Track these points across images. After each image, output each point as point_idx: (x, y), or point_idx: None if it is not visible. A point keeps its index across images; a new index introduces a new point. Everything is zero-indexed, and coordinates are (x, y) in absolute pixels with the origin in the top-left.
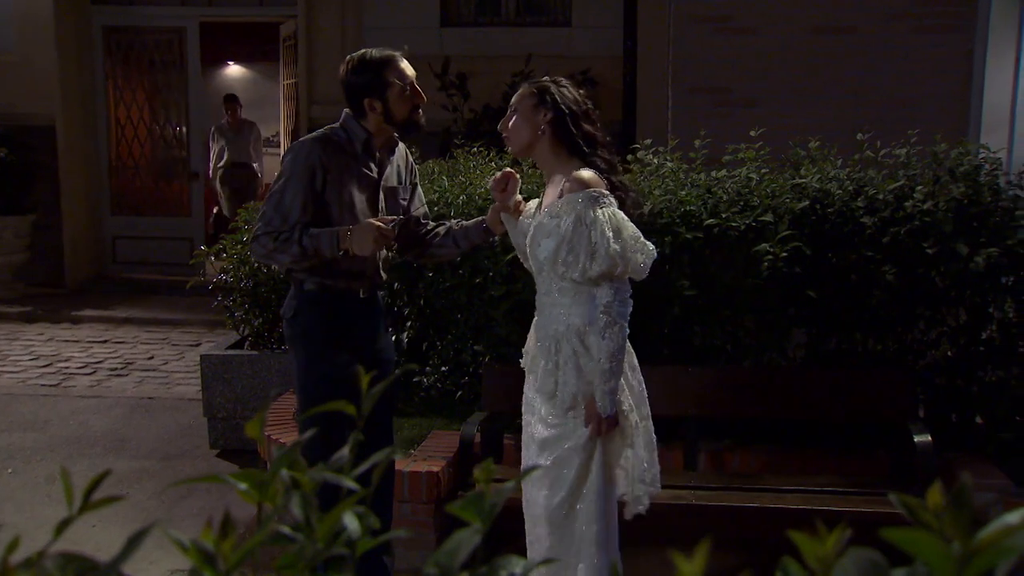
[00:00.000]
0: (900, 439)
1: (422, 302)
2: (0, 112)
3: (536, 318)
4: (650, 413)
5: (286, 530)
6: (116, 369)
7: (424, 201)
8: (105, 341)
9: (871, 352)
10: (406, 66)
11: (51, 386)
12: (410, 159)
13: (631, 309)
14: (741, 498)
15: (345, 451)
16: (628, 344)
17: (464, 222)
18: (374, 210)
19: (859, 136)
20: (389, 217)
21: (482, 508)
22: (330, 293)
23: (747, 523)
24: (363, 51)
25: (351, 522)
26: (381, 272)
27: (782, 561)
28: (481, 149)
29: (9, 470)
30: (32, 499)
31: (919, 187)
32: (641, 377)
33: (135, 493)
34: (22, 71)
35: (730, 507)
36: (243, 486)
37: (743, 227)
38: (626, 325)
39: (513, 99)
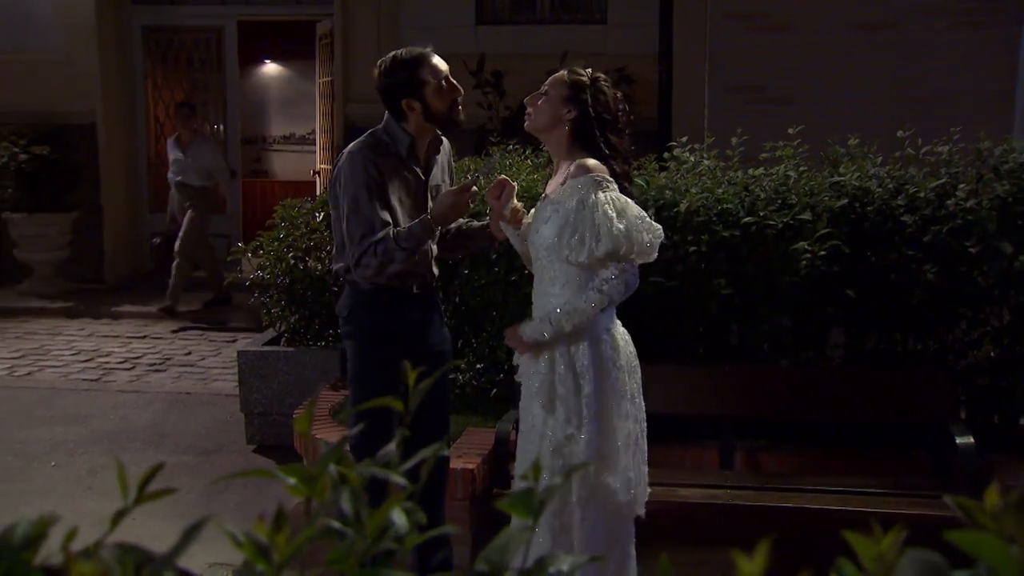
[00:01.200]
0: (940, 440)
1: (457, 299)
2: (43, 112)
3: (532, 308)
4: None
5: (336, 525)
6: (155, 364)
7: None
8: (144, 337)
9: (911, 352)
10: (439, 62)
11: (92, 380)
12: (451, 159)
13: (629, 292)
14: (777, 498)
15: (393, 446)
16: (634, 359)
17: (472, 223)
18: (423, 210)
19: (899, 133)
20: (466, 183)
21: (531, 505)
22: (384, 290)
23: (783, 524)
24: (393, 53)
25: (399, 518)
26: (433, 268)
27: (837, 562)
28: (516, 147)
29: (52, 463)
30: (75, 491)
31: (962, 185)
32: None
33: (174, 487)
34: (64, 71)
35: (766, 507)
36: (292, 481)
37: (781, 225)
38: (610, 305)
39: (549, 80)
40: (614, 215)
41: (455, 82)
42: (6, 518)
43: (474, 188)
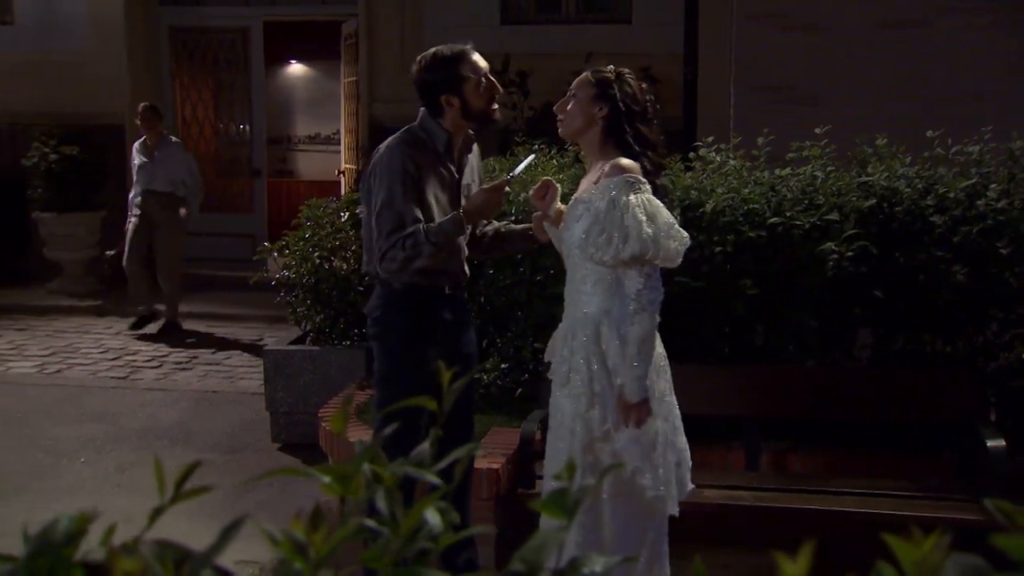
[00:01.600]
0: (967, 442)
1: (482, 299)
2: (72, 112)
3: (565, 307)
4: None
5: (372, 524)
6: (181, 363)
7: None
8: (171, 335)
9: (939, 354)
10: (478, 59)
11: (120, 379)
12: (479, 159)
13: (661, 298)
14: (803, 500)
15: (426, 445)
16: (663, 359)
17: (512, 226)
18: (456, 207)
19: (928, 133)
20: (500, 181)
21: (565, 504)
22: (415, 290)
23: (809, 526)
24: (434, 49)
25: (433, 517)
26: (465, 268)
27: (877, 565)
28: (542, 147)
29: (82, 459)
30: (104, 488)
31: (993, 185)
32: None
33: (199, 485)
34: (94, 72)
35: (791, 509)
36: (326, 479)
37: (808, 226)
38: (656, 314)
39: (574, 83)
40: (644, 219)
41: (494, 80)
42: (38, 514)
43: (507, 188)
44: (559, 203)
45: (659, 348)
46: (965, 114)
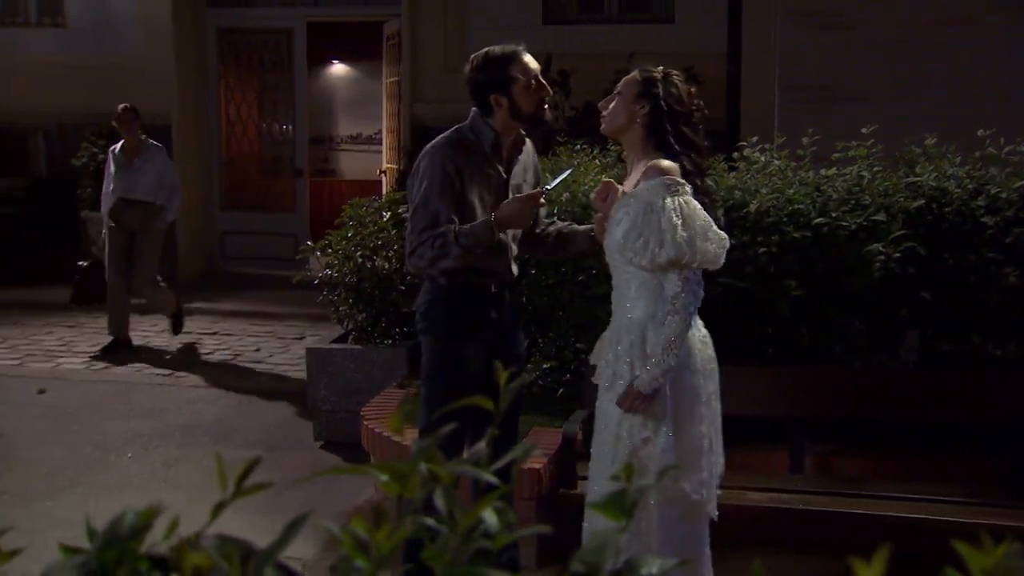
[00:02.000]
0: (1019, 445)
1: (524, 299)
2: None
3: (612, 310)
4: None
5: (431, 522)
6: (225, 360)
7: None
8: (214, 333)
9: (989, 356)
10: (530, 60)
11: (165, 375)
12: (535, 159)
13: (699, 301)
14: (849, 504)
15: (482, 445)
16: (712, 362)
17: (575, 226)
18: None
19: (980, 132)
20: (534, 191)
21: (624, 506)
22: (462, 289)
23: (855, 530)
24: (487, 48)
25: (489, 517)
26: (512, 268)
27: (944, 573)
28: (584, 146)
29: (129, 455)
30: (150, 483)
31: None
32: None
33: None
34: (142, 73)
35: (837, 513)
36: (384, 477)
37: (854, 226)
38: (689, 318)
39: (621, 81)
40: (679, 222)
41: (544, 82)
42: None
43: (542, 200)
44: None
45: (709, 351)
46: (1017, 113)
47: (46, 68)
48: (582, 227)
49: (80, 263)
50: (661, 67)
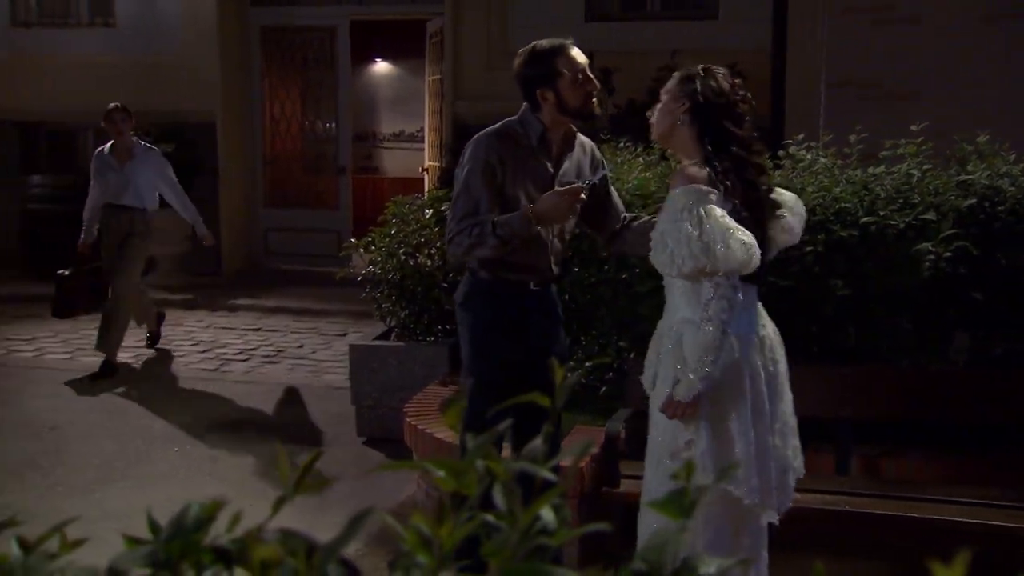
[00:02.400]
0: None
1: (566, 296)
2: (167, 110)
3: (664, 312)
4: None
5: (491, 518)
6: (269, 356)
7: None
8: (258, 329)
9: None
10: (577, 54)
11: (210, 371)
12: (596, 153)
13: (735, 306)
14: (897, 506)
15: (539, 441)
16: (772, 363)
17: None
18: None
19: None
20: (574, 186)
21: (683, 505)
22: (502, 283)
23: (903, 533)
24: (534, 43)
25: (547, 514)
26: (553, 266)
27: None
28: (627, 144)
29: (175, 448)
30: (196, 477)
31: None
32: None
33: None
34: (188, 72)
35: (886, 516)
36: (441, 473)
37: (903, 225)
38: (724, 324)
39: (665, 87)
40: (696, 232)
41: (592, 75)
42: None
43: (583, 195)
44: None
45: (768, 352)
46: None
47: (95, 67)
48: (649, 219)
49: (60, 272)
50: (702, 65)
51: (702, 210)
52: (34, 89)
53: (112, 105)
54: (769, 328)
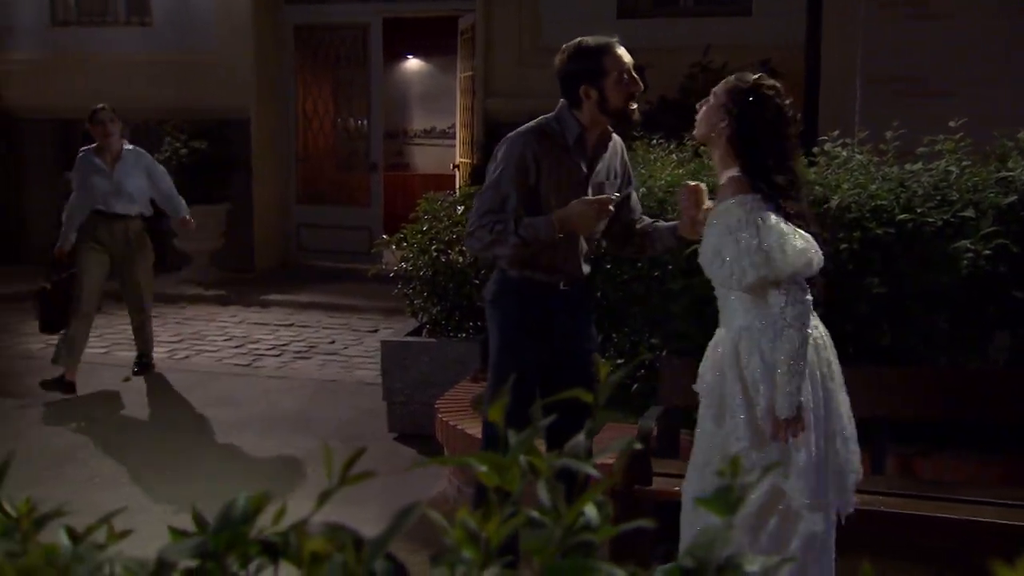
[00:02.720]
0: None
1: (599, 294)
2: (201, 108)
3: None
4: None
5: (535, 514)
6: (301, 352)
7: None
8: (290, 325)
9: None
10: (623, 53)
11: (243, 366)
12: (625, 156)
13: (810, 307)
14: (935, 507)
15: (581, 437)
16: (826, 365)
17: (659, 223)
18: None
19: None
20: (603, 197)
21: (729, 502)
22: (529, 283)
23: (941, 535)
24: (580, 38)
25: (590, 510)
26: (582, 266)
27: None
28: (660, 141)
29: (209, 442)
30: (229, 471)
31: None
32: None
33: (318, 471)
34: (222, 69)
35: (923, 517)
36: (483, 468)
37: (940, 223)
38: (804, 328)
39: (717, 87)
40: (755, 243)
41: (636, 77)
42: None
43: (611, 208)
44: (708, 202)
45: (822, 353)
46: None
47: (132, 66)
48: (666, 224)
49: (43, 285)
50: (757, 76)
51: (759, 218)
52: (72, 87)
53: (99, 106)
54: (820, 329)
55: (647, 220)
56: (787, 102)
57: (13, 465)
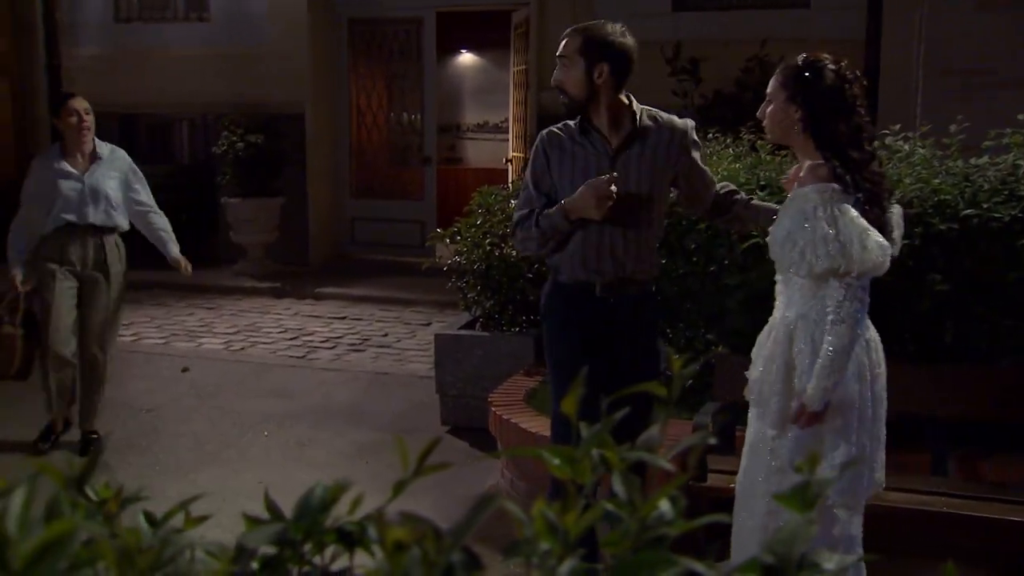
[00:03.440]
0: None
1: (653, 288)
2: (257, 102)
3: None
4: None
5: (611, 507)
6: (354, 345)
7: (710, 178)
8: (344, 317)
9: None
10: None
11: (298, 358)
12: (687, 140)
13: (866, 307)
14: (999, 510)
15: (656, 430)
16: (878, 367)
17: (761, 204)
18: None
19: None
20: (600, 178)
21: (807, 498)
22: (568, 286)
23: (1005, 538)
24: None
25: (665, 505)
26: (625, 264)
27: None
28: (717, 135)
29: (265, 433)
30: (285, 461)
31: None
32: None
33: (372, 463)
34: (277, 63)
35: (986, 519)
36: (556, 461)
37: (1007, 218)
38: (856, 327)
39: (769, 86)
40: (832, 232)
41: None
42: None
43: (613, 187)
44: None
45: (874, 354)
46: None
47: (190, 60)
48: (767, 204)
49: (7, 329)
50: (804, 56)
51: (836, 209)
52: (133, 82)
53: (72, 94)
54: (872, 330)
55: (742, 196)
56: (845, 70)
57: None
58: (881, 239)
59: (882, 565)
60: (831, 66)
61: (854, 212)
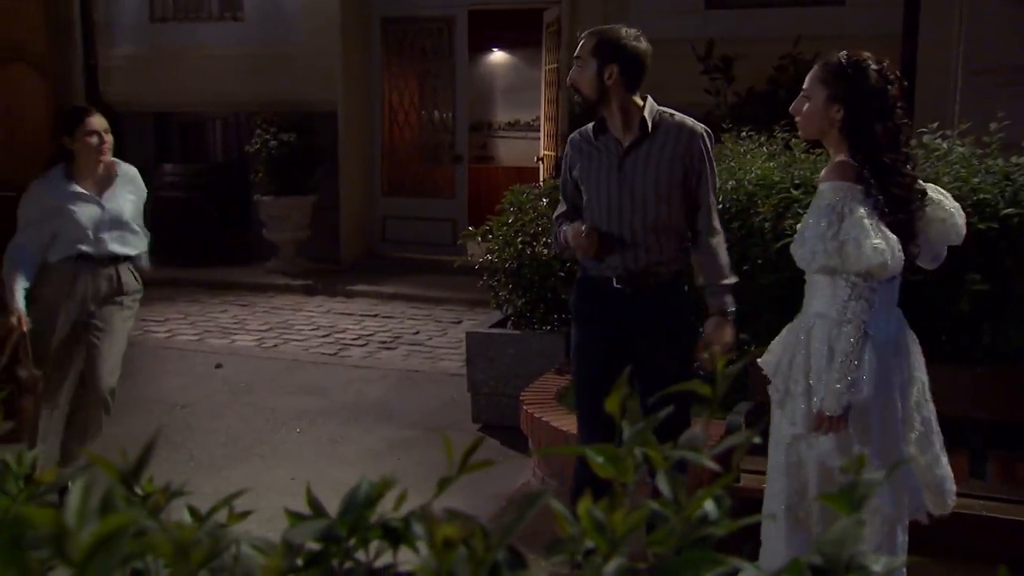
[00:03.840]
0: None
1: (686, 287)
2: (290, 101)
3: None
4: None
5: (656, 506)
6: (386, 342)
7: (708, 205)
8: (375, 315)
9: None
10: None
11: (330, 355)
12: (702, 147)
13: (870, 309)
14: None
15: (698, 429)
16: (913, 371)
17: (706, 261)
18: (620, 194)
19: None
20: (585, 227)
21: (853, 499)
22: (588, 279)
23: None
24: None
25: (709, 504)
26: (638, 257)
27: None
28: (751, 133)
29: (297, 429)
30: (317, 458)
31: None
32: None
33: (403, 460)
34: (310, 62)
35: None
36: (600, 459)
37: None
38: (863, 326)
39: (806, 82)
40: (831, 231)
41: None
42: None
43: (590, 232)
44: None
45: (903, 358)
46: None
47: (224, 60)
48: (711, 302)
49: (23, 373)
50: (846, 53)
51: (845, 208)
52: (168, 81)
53: (87, 109)
54: (906, 332)
55: (706, 243)
56: (888, 70)
57: (111, 447)
58: (881, 243)
59: (923, 568)
60: (874, 66)
61: (862, 213)
